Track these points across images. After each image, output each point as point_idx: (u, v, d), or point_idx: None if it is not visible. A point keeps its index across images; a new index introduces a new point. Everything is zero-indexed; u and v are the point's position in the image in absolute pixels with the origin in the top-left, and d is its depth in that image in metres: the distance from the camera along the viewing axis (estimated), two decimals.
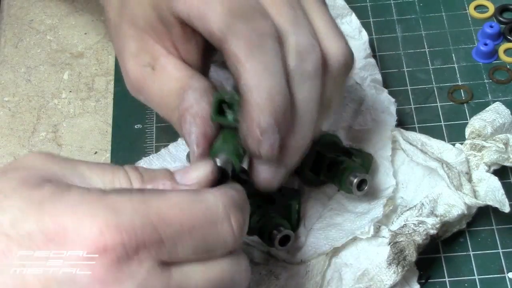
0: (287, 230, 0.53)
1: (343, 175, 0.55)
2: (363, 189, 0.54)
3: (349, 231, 0.55)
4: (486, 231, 0.58)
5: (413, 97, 0.67)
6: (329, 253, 0.54)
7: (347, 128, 0.62)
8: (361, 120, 0.61)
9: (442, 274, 0.56)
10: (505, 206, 0.53)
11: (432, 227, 0.53)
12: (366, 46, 0.66)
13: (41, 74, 0.72)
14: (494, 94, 0.66)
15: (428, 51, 0.70)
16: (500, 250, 0.57)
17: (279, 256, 0.55)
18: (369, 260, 0.53)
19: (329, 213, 0.57)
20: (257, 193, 0.51)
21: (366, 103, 0.62)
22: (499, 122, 0.59)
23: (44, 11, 0.77)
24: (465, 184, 0.55)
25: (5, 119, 0.69)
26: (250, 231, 0.56)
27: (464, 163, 0.57)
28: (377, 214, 0.55)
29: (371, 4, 0.74)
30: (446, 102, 0.66)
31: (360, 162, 0.57)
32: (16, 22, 0.77)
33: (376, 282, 0.52)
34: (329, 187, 0.59)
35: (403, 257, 0.52)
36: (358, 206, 0.57)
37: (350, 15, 0.68)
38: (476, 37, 0.70)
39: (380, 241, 0.53)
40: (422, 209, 0.55)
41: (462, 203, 0.54)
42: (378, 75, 0.65)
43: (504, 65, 0.68)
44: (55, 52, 0.74)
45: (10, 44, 0.75)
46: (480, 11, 0.72)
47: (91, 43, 0.74)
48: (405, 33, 0.71)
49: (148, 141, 0.65)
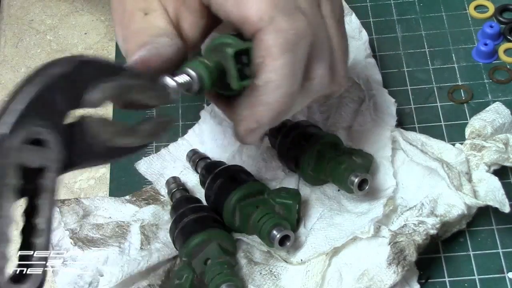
0: (287, 230, 0.53)
1: (344, 174, 0.55)
2: (364, 189, 0.54)
3: (349, 231, 0.55)
4: (486, 231, 0.58)
5: (413, 97, 0.67)
6: (329, 253, 0.54)
7: (347, 128, 0.62)
8: (361, 120, 0.61)
9: (442, 274, 0.56)
10: (505, 206, 0.53)
11: (432, 227, 0.53)
12: (366, 46, 0.66)
13: None
14: (494, 94, 0.66)
15: (428, 51, 0.70)
16: (500, 250, 0.57)
17: (279, 256, 0.55)
18: (369, 260, 0.53)
19: (329, 213, 0.57)
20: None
21: (366, 103, 0.62)
22: (499, 122, 0.59)
23: (44, 11, 0.77)
24: (465, 184, 0.55)
25: None
26: (250, 231, 0.56)
27: (464, 163, 0.57)
28: (377, 214, 0.55)
29: (371, 4, 0.74)
30: (446, 102, 0.66)
31: (361, 162, 0.57)
32: (16, 22, 0.77)
33: (376, 282, 0.52)
34: (329, 187, 0.59)
35: (403, 257, 0.52)
36: (358, 206, 0.57)
37: (350, 15, 0.68)
38: (476, 37, 0.70)
39: (380, 241, 0.53)
40: (422, 209, 0.55)
41: (462, 203, 0.54)
42: (378, 75, 0.65)
43: (504, 65, 0.68)
44: (55, 52, 0.74)
45: (10, 44, 0.75)
46: (480, 11, 0.72)
47: (91, 43, 0.74)
48: (405, 33, 0.71)
49: None
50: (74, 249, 0.55)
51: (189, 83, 0.44)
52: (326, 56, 0.48)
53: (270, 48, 0.44)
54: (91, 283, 0.55)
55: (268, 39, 0.44)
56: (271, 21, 0.44)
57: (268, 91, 0.45)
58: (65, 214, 0.58)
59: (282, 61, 0.44)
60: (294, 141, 0.58)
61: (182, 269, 0.54)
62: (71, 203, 0.59)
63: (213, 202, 0.57)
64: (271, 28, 0.44)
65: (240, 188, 0.55)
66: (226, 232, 0.55)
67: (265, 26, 0.44)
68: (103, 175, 0.65)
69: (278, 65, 0.44)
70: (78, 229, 0.57)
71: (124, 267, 0.54)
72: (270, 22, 0.44)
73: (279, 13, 0.44)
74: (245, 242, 0.56)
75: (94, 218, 0.59)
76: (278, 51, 0.44)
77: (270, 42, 0.44)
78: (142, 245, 0.57)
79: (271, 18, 0.44)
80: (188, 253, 0.53)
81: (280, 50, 0.44)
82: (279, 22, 0.44)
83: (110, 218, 0.59)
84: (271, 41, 0.44)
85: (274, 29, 0.44)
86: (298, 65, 0.45)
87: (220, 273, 0.52)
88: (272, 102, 0.45)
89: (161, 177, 0.62)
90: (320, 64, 0.47)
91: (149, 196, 0.62)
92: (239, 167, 0.59)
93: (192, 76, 0.44)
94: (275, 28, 0.44)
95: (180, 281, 0.53)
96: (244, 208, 0.55)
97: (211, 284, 0.52)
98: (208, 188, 0.58)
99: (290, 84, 0.45)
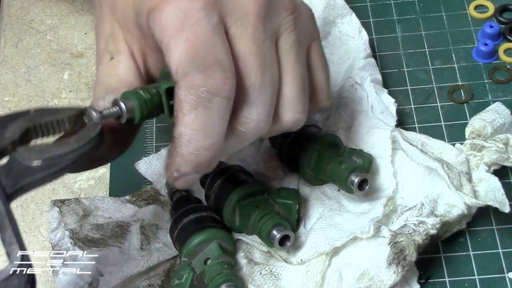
0: (287, 230, 0.53)
1: (344, 174, 0.55)
2: (364, 189, 0.54)
3: (349, 231, 0.55)
4: (486, 231, 0.58)
5: (413, 97, 0.67)
6: (329, 253, 0.54)
7: (347, 128, 0.62)
8: (361, 120, 0.61)
9: (442, 274, 0.56)
10: (505, 206, 0.53)
11: (432, 227, 0.53)
12: (366, 46, 0.66)
13: (41, 74, 0.72)
14: (494, 94, 0.66)
15: (428, 51, 0.70)
16: (500, 250, 0.57)
17: (279, 256, 0.55)
18: (369, 260, 0.53)
19: (329, 213, 0.57)
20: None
21: (366, 103, 0.62)
22: (499, 122, 0.59)
23: (44, 11, 0.77)
24: (465, 184, 0.55)
25: None
26: (250, 231, 0.56)
27: (464, 163, 0.57)
28: (377, 214, 0.55)
29: (371, 4, 0.74)
30: (446, 102, 0.66)
31: (361, 162, 0.57)
32: (16, 22, 0.77)
33: (376, 282, 0.52)
34: (329, 187, 0.59)
35: (403, 257, 0.52)
36: (358, 206, 0.57)
37: (350, 15, 0.68)
38: (476, 37, 0.70)
39: (380, 241, 0.53)
40: (422, 209, 0.55)
41: (462, 203, 0.54)
42: (378, 75, 0.65)
43: (504, 65, 0.68)
44: (55, 52, 0.74)
45: (10, 44, 0.75)
46: (480, 11, 0.72)
47: (91, 43, 0.74)
48: (405, 33, 0.72)
49: (148, 141, 0.65)
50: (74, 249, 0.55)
51: (116, 113, 0.44)
52: (265, 99, 0.46)
53: (181, 103, 0.44)
54: (91, 283, 0.55)
55: (180, 94, 0.44)
56: (185, 75, 0.43)
57: (181, 143, 0.45)
58: (65, 214, 0.58)
59: (191, 116, 0.44)
60: (294, 141, 0.58)
61: (182, 269, 0.54)
62: (71, 203, 0.59)
63: (213, 202, 0.57)
64: (184, 83, 0.44)
65: (240, 188, 0.55)
66: (226, 232, 0.55)
67: (179, 80, 0.44)
68: (103, 175, 0.65)
69: (188, 120, 0.44)
70: (78, 229, 0.57)
71: (124, 267, 0.54)
72: (183, 76, 0.44)
73: (193, 68, 0.43)
74: (245, 242, 0.56)
75: (94, 218, 0.59)
76: (189, 106, 0.44)
77: (181, 98, 0.44)
78: (142, 245, 0.57)
79: (184, 73, 0.43)
80: (188, 253, 0.53)
81: (191, 106, 0.44)
82: (192, 77, 0.43)
83: (110, 218, 0.59)
84: (182, 97, 0.44)
85: (186, 84, 0.44)
86: (214, 119, 0.44)
87: (220, 273, 0.52)
88: (186, 154, 0.45)
89: (161, 177, 0.62)
90: (253, 109, 0.46)
91: (149, 196, 0.62)
92: (239, 167, 0.59)
93: (121, 107, 0.44)
94: (188, 84, 0.44)
95: (180, 281, 0.53)
96: (244, 208, 0.55)
97: (211, 284, 0.52)
98: (208, 188, 0.58)
99: (203, 138, 0.44)
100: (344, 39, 0.67)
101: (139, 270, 0.54)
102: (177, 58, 0.43)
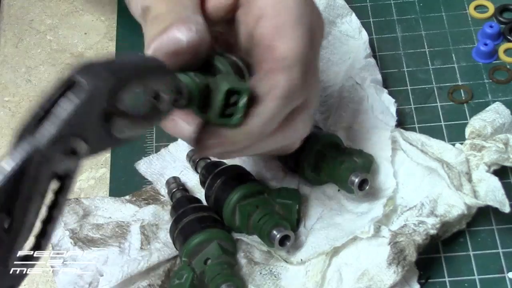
0: (287, 230, 0.53)
1: (344, 174, 0.55)
2: (364, 189, 0.54)
3: (349, 231, 0.55)
4: (486, 231, 0.58)
5: (413, 97, 0.67)
6: (329, 253, 0.54)
7: (347, 128, 0.62)
8: (361, 120, 0.61)
9: (442, 274, 0.56)
10: (505, 206, 0.53)
11: (432, 227, 0.53)
12: (366, 46, 0.66)
13: (41, 74, 0.72)
14: (494, 94, 0.66)
15: (428, 51, 0.70)
16: (500, 250, 0.57)
17: (279, 256, 0.55)
18: (369, 260, 0.53)
19: (329, 213, 0.57)
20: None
21: (366, 103, 0.62)
22: (499, 122, 0.59)
23: (44, 11, 0.77)
24: (465, 184, 0.55)
25: (5, 119, 0.69)
26: (250, 231, 0.56)
27: (464, 163, 0.57)
28: (377, 214, 0.55)
29: (371, 4, 0.74)
30: (446, 102, 0.66)
31: (361, 162, 0.57)
32: (16, 22, 0.77)
33: (376, 282, 0.52)
34: (329, 187, 0.59)
35: (403, 257, 0.52)
36: (358, 206, 0.57)
37: (350, 15, 0.68)
38: (476, 37, 0.70)
39: (380, 241, 0.53)
40: (422, 209, 0.55)
41: (462, 203, 0.54)
42: (378, 75, 0.65)
43: (504, 65, 0.68)
44: (55, 52, 0.74)
45: (10, 44, 0.75)
46: (480, 11, 0.72)
47: (91, 43, 0.74)
48: (405, 33, 0.71)
49: (148, 141, 0.65)
50: (74, 249, 0.55)
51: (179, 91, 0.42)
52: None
53: (272, 90, 0.44)
54: (91, 283, 0.55)
55: (279, 79, 0.44)
56: (291, 67, 0.44)
57: (254, 121, 0.45)
58: (65, 214, 0.58)
59: (274, 103, 0.44)
60: None
61: (182, 269, 0.54)
62: (71, 203, 0.59)
63: (213, 202, 0.57)
64: (286, 73, 0.44)
65: (240, 188, 0.55)
66: (226, 232, 0.55)
67: (283, 67, 0.44)
68: (103, 175, 0.65)
69: (271, 106, 0.44)
70: (78, 229, 0.57)
71: (124, 267, 0.54)
72: (290, 68, 0.44)
73: (299, 64, 0.44)
74: (245, 242, 0.56)
75: (94, 218, 0.59)
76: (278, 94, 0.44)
77: (275, 84, 0.44)
78: (142, 245, 0.57)
79: (290, 67, 0.44)
80: (188, 253, 0.54)
81: (280, 95, 0.44)
82: (295, 72, 0.44)
83: (110, 218, 0.59)
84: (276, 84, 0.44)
85: (287, 75, 0.44)
86: (280, 116, 0.46)
87: (220, 273, 0.52)
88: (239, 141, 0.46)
89: (161, 177, 0.62)
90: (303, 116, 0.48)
91: (149, 196, 0.62)
92: (239, 167, 0.59)
93: (182, 88, 0.42)
94: (289, 76, 0.44)
95: (180, 281, 0.53)
96: (244, 208, 0.55)
97: (211, 284, 0.52)
98: (208, 188, 0.58)
99: (263, 130, 0.45)
100: (344, 39, 0.67)
101: (139, 270, 0.54)
102: (292, 46, 0.44)
